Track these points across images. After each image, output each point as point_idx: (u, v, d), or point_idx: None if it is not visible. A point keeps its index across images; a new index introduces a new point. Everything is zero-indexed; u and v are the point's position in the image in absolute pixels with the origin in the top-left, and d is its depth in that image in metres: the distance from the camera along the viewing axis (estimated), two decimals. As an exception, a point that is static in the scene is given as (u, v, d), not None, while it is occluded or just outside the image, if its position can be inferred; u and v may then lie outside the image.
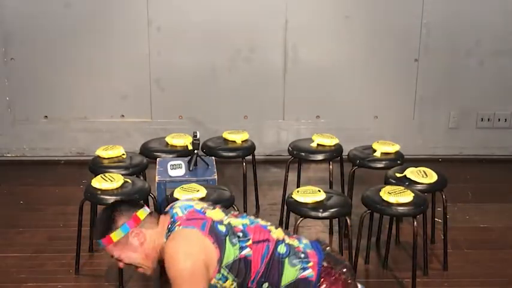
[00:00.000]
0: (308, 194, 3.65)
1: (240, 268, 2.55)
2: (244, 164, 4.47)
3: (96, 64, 5.51)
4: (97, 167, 4.14)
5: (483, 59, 5.61)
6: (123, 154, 4.27)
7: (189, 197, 3.49)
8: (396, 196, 3.63)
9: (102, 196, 3.69)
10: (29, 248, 4.19)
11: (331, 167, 4.42)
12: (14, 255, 4.11)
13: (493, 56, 5.60)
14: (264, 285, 2.58)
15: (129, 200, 2.68)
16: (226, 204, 3.63)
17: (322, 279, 2.60)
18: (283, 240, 2.66)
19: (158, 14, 5.41)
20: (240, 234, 2.59)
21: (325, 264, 2.63)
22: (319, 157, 4.43)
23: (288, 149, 4.54)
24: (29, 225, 4.51)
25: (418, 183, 3.86)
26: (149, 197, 3.89)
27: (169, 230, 2.58)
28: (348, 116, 5.67)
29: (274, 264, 2.59)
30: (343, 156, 4.57)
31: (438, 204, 4.20)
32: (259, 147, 5.30)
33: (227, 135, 4.60)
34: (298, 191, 3.71)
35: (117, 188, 3.73)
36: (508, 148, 5.85)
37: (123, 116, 5.65)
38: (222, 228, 2.58)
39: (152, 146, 4.50)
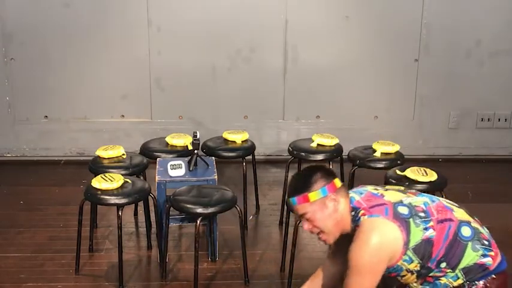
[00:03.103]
0: (308, 194, 3.64)
1: (424, 249, 2.54)
2: (244, 164, 4.47)
3: (96, 64, 5.50)
4: (97, 167, 4.14)
5: (483, 59, 5.61)
6: (123, 154, 4.27)
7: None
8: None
9: (102, 196, 3.68)
10: (29, 248, 4.19)
11: (331, 167, 4.42)
12: (14, 255, 4.10)
13: (493, 56, 5.60)
14: (441, 265, 2.56)
15: (325, 167, 2.70)
16: (229, 205, 3.65)
17: (497, 275, 2.59)
18: (468, 223, 2.60)
19: (158, 14, 5.41)
20: (422, 214, 2.56)
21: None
22: (319, 157, 4.43)
23: (288, 149, 4.54)
24: (29, 225, 4.51)
25: (419, 182, 3.85)
26: (149, 197, 3.88)
27: (353, 217, 2.60)
28: (348, 116, 5.67)
29: (456, 246, 2.55)
30: (343, 156, 4.57)
31: (438, 204, 4.18)
32: (259, 147, 5.31)
33: (227, 135, 4.60)
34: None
35: (117, 188, 3.72)
36: (508, 148, 5.85)
37: (123, 116, 5.65)
38: (403, 210, 2.55)
39: (152, 146, 4.50)
